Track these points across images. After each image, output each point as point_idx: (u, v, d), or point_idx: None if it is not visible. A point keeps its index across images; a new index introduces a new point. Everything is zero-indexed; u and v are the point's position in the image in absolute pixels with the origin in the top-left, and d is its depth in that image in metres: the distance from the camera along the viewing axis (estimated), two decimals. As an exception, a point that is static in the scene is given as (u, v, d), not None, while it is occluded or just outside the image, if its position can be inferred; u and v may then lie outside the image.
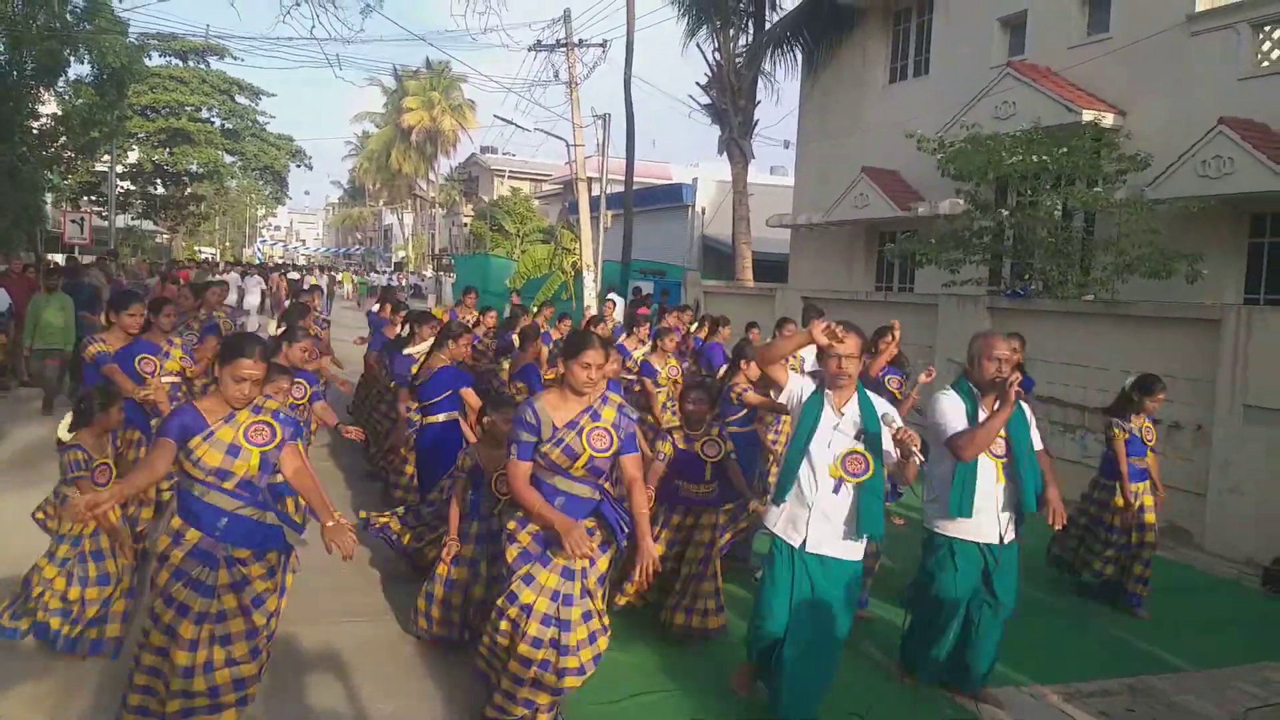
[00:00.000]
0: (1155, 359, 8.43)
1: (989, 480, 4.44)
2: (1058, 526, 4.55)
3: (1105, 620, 6.16)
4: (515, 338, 9.13)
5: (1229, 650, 5.72)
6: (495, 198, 40.82)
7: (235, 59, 39.53)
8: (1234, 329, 7.94)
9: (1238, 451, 7.87)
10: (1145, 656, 5.58)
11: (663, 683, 4.75)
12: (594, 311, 15.44)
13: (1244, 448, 7.83)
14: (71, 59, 21.73)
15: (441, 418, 6.25)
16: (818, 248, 18.76)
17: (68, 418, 4.61)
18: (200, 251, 53.17)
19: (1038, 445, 4.60)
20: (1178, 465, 8.28)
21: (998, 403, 4.37)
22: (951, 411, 4.47)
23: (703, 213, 27.02)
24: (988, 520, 4.46)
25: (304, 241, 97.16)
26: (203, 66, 40.91)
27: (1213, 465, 8.06)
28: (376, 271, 49.91)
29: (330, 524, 3.57)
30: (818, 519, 4.07)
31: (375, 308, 11.35)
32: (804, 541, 4.09)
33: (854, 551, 4.12)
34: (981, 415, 4.41)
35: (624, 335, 10.51)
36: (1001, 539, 4.48)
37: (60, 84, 23.01)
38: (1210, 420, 8.13)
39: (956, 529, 4.49)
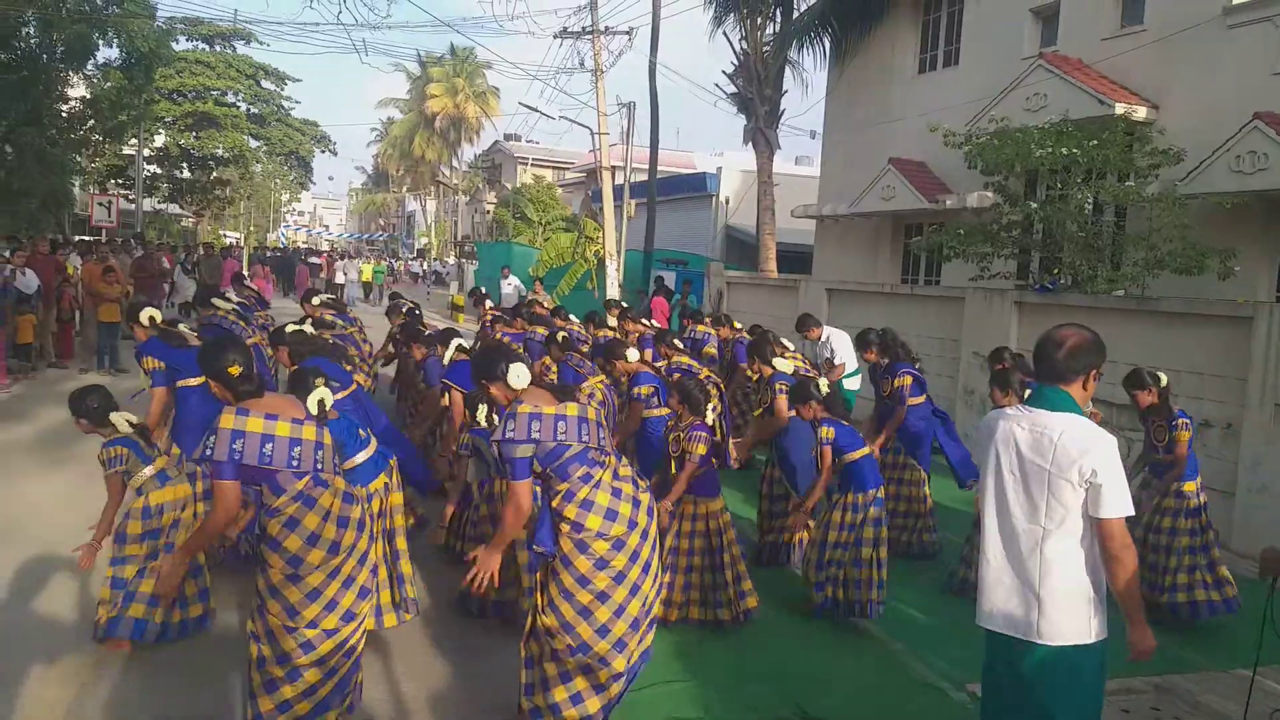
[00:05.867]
0: (1185, 356, 8.33)
1: None
2: None
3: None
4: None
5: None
6: (518, 185, 40.79)
7: (261, 44, 40.00)
8: (1266, 327, 7.81)
9: (1267, 451, 7.77)
10: (1170, 656, 5.51)
11: (685, 671, 4.75)
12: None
13: (1274, 447, 7.72)
14: (100, 42, 21.95)
15: None
16: (843, 239, 18.65)
17: None
18: (225, 236, 53.51)
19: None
20: (1206, 464, 8.15)
21: None
22: None
23: (727, 202, 26.90)
24: None
25: (327, 227, 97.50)
26: (229, 51, 41.18)
27: (1242, 464, 7.95)
28: (397, 259, 49.95)
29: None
30: None
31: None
32: None
33: None
34: None
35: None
36: None
37: (89, 67, 23.25)
38: (1240, 418, 8.02)
39: None
